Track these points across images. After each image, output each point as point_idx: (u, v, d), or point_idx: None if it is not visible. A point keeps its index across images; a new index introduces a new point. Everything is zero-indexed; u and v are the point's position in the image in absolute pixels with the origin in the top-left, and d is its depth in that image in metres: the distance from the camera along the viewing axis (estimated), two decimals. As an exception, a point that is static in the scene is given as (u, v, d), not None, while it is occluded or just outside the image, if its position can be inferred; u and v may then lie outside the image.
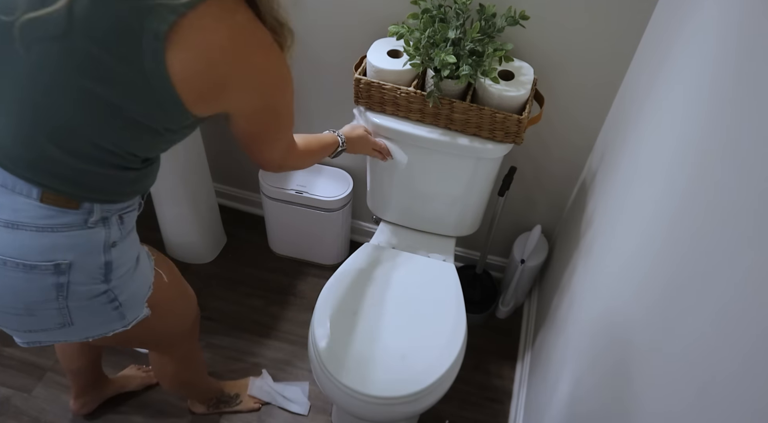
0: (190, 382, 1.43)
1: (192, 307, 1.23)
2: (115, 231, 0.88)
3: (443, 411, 1.64)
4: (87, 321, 0.92)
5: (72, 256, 0.84)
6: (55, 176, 0.81)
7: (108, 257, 0.88)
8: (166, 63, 0.71)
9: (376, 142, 1.37)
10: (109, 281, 0.89)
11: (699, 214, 0.71)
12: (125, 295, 0.93)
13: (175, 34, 0.70)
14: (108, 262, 0.88)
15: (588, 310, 1.14)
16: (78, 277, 0.85)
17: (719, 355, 0.58)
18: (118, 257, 0.90)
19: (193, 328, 1.26)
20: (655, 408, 0.71)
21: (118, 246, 0.90)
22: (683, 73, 0.93)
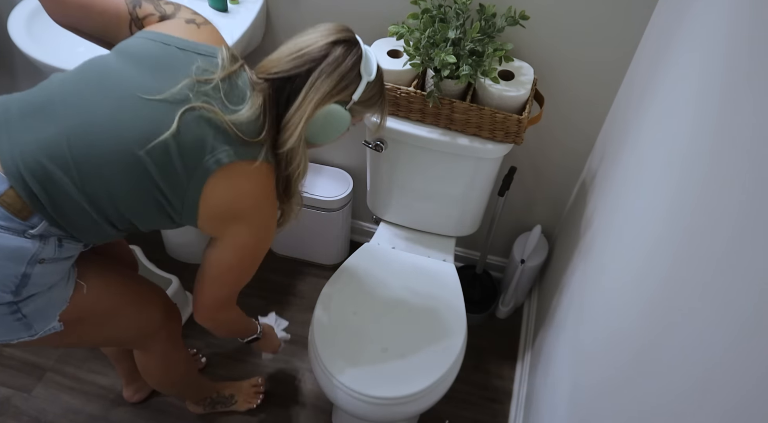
0: (177, 382, 1.42)
1: (150, 315, 1.20)
2: (48, 249, 0.92)
3: (443, 411, 1.64)
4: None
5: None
6: (45, 190, 0.88)
7: (29, 270, 0.90)
8: (208, 180, 0.92)
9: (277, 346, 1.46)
10: (18, 294, 0.91)
11: (699, 214, 0.71)
12: (30, 309, 0.95)
13: (227, 168, 0.92)
14: (26, 275, 0.90)
15: (588, 310, 1.14)
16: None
17: (720, 355, 0.58)
18: (39, 275, 0.92)
19: (163, 330, 1.24)
20: (655, 408, 0.71)
21: (46, 264, 0.92)
22: (684, 72, 0.93)
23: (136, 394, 1.59)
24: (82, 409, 1.59)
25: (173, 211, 0.96)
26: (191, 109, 0.90)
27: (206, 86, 0.92)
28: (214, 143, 0.91)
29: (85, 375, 1.66)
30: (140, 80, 0.90)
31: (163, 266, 1.80)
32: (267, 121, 0.95)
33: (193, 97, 0.91)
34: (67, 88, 0.91)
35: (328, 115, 0.98)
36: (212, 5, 1.41)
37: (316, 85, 0.95)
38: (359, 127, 1.62)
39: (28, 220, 0.88)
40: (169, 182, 0.92)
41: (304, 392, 1.67)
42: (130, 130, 0.89)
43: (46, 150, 0.88)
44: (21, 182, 0.87)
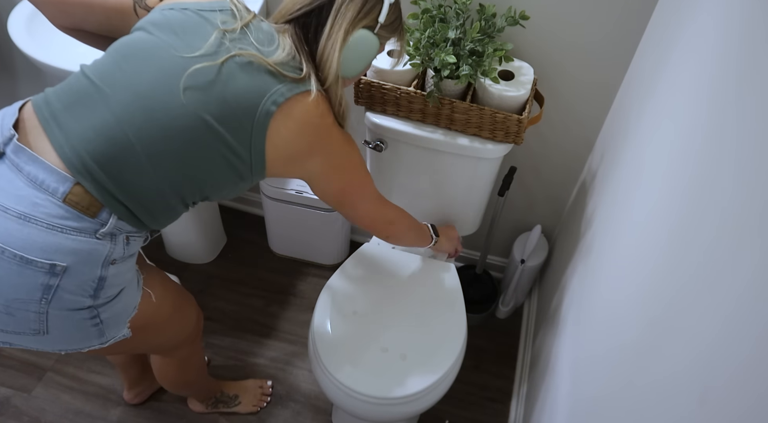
0: (191, 382, 1.43)
1: (189, 317, 1.23)
2: (119, 249, 0.91)
3: (443, 411, 1.64)
4: (63, 333, 0.92)
5: (71, 260, 0.85)
6: (111, 176, 0.87)
7: (104, 272, 0.90)
8: (270, 123, 0.92)
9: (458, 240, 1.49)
10: (97, 298, 0.91)
11: (699, 214, 0.71)
12: (108, 314, 0.94)
13: (285, 106, 0.93)
14: (102, 278, 0.90)
15: (587, 309, 1.14)
16: (68, 284, 0.87)
17: (720, 356, 0.58)
18: (113, 276, 0.92)
19: (193, 333, 1.26)
20: (655, 407, 0.71)
21: (117, 265, 0.92)
22: (685, 72, 0.93)
23: (136, 397, 1.59)
24: (82, 409, 1.59)
25: (242, 165, 0.95)
26: (232, 57, 0.90)
27: (235, 35, 0.93)
28: (265, 86, 0.91)
29: (85, 375, 1.66)
30: (175, 44, 0.91)
31: (163, 266, 1.80)
32: (303, 58, 0.95)
33: (229, 45, 0.91)
34: (105, 70, 0.91)
35: (359, 41, 0.98)
36: (212, 5, 1.41)
37: (342, 11, 0.95)
38: (359, 127, 1.62)
39: (97, 216, 0.87)
40: (234, 133, 0.92)
41: (304, 392, 1.67)
42: (193, 93, 0.89)
43: (104, 134, 0.87)
44: (86, 174, 0.86)
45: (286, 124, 0.94)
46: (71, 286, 0.87)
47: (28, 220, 0.83)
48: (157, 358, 1.32)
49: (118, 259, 0.92)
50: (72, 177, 0.85)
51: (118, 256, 0.91)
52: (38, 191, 0.84)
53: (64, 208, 0.85)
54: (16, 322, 0.88)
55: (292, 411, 1.63)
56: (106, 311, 0.93)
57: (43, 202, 0.84)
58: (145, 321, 1.03)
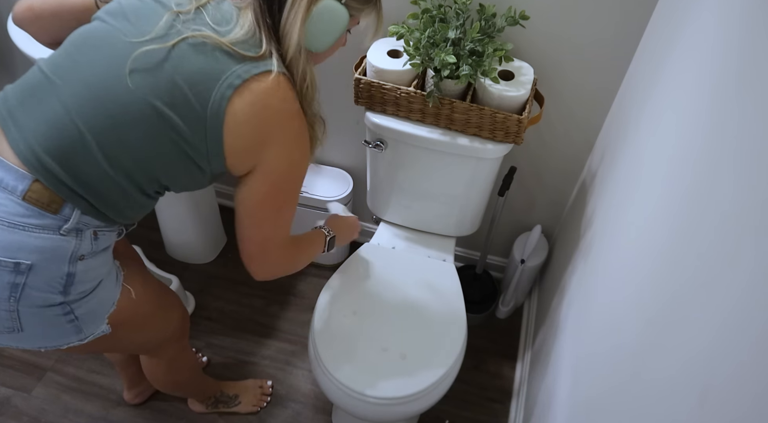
0: (181, 382, 1.43)
1: (172, 316, 1.21)
2: (86, 245, 0.90)
3: (443, 411, 1.64)
4: (38, 330, 0.91)
5: (35, 258, 0.85)
6: (67, 169, 0.86)
7: (72, 269, 0.89)
8: (227, 108, 0.87)
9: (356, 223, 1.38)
10: (67, 294, 0.90)
11: (699, 214, 0.71)
12: (83, 310, 0.93)
13: (243, 89, 0.87)
14: (70, 274, 0.89)
15: (587, 309, 1.14)
16: (35, 281, 0.86)
17: (719, 356, 0.58)
18: (83, 272, 0.91)
19: (177, 333, 1.24)
20: (655, 407, 0.71)
21: (87, 261, 0.91)
22: (685, 71, 0.93)
23: (136, 398, 1.59)
24: (82, 409, 1.59)
25: (198, 156, 0.91)
26: (183, 40, 0.86)
27: (189, 15, 0.88)
28: (220, 67, 0.86)
29: (85, 375, 1.66)
30: (126, 29, 0.88)
31: (163, 266, 1.81)
32: (264, 34, 0.89)
33: (181, 27, 0.87)
34: (57, 61, 0.90)
35: (325, 11, 0.91)
36: (212, 5, 1.41)
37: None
38: (359, 127, 1.62)
39: (59, 212, 0.86)
40: (187, 121, 0.87)
41: (304, 392, 1.67)
42: (141, 79, 0.86)
43: (55, 126, 0.85)
44: (42, 170, 0.85)
45: (243, 109, 0.88)
46: (39, 284, 0.87)
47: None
48: (145, 359, 1.32)
49: (87, 255, 0.90)
50: (30, 174, 0.85)
51: (86, 252, 0.90)
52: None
53: (25, 206, 0.84)
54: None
55: (292, 411, 1.63)
56: (80, 307, 0.93)
57: (3, 201, 0.84)
58: (125, 318, 1.02)
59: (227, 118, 0.87)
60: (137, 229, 1.14)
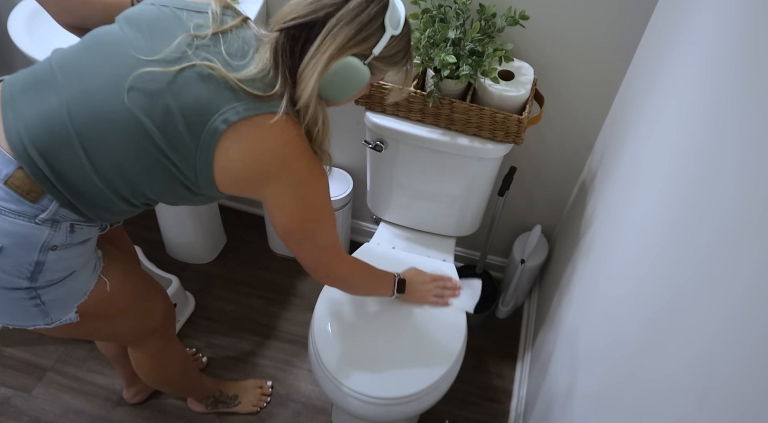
0: (173, 379, 1.42)
1: (152, 311, 1.20)
2: (60, 236, 0.90)
3: (443, 411, 1.64)
4: (4, 308, 0.94)
5: (6, 241, 0.86)
6: (50, 164, 0.86)
7: (42, 257, 0.90)
8: (218, 143, 0.86)
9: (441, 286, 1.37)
10: (34, 280, 0.91)
11: (699, 213, 0.71)
12: (50, 296, 0.94)
13: (239, 127, 0.86)
14: (39, 262, 0.90)
15: (588, 310, 1.14)
16: (3, 264, 0.88)
17: (720, 357, 0.58)
18: (54, 261, 0.91)
19: (160, 328, 1.24)
20: (654, 407, 0.71)
21: (59, 251, 0.91)
22: (685, 71, 0.93)
23: (136, 396, 1.59)
24: (82, 409, 1.59)
25: (187, 181, 0.91)
26: (190, 67, 0.85)
27: (203, 41, 0.87)
28: (219, 102, 0.85)
29: (85, 375, 1.66)
30: (137, 43, 0.87)
31: (163, 266, 1.80)
32: (280, 74, 0.88)
33: (191, 54, 0.86)
34: (67, 58, 0.90)
35: (345, 68, 0.90)
36: (212, 5, 1.41)
37: (333, 32, 0.87)
38: (359, 127, 1.62)
39: (37, 202, 0.87)
40: (176, 148, 0.87)
41: (304, 392, 1.67)
42: (137, 95, 0.86)
43: (47, 121, 0.86)
44: (27, 159, 0.85)
45: (237, 147, 0.87)
46: (6, 267, 0.88)
47: None
48: (131, 352, 1.32)
49: (60, 246, 0.91)
50: (15, 160, 0.85)
51: (59, 243, 0.90)
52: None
53: (5, 190, 0.85)
54: None
55: (292, 411, 1.63)
56: (47, 293, 0.93)
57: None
58: (97, 309, 1.02)
59: (218, 152, 0.87)
60: (137, 229, 1.15)
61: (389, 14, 0.90)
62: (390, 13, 0.90)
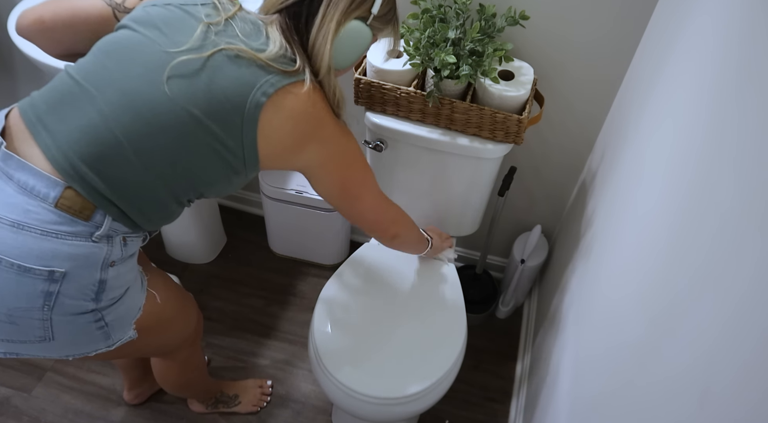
0: (191, 383, 1.43)
1: (191, 318, 1.22)
2: (116, 251, 0.90)
3: (443, 411, 1.64)
4: (69, 338, 0.91)
5: (68, 265, 0.85)
6: (102, 177, 0.86)
7: (104, 275, 0.89)
8: (260, 115, 0.89)
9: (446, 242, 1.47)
10: (99, 301, 0.90)
11: (700, 213, 0.71)
12: (112, 317, 0.94)
13: (276, 97, 0.90)
14: (102, 281, 0.89)
15: (587, 309, 1.14)
16: (69, 289, 0.86)
17: (720, 358, 0.58)
18: (114, 278, 0.91)
19: (193, 334, 1.26)
20: (655, 408, 0.71)
21: (117, 267, 0.91)
22: (685, 71, 0.93)
23: (136, 398, 1.59)
24: (82, 409, 1.59)
25: (235, 159, 0.93)
26: (219, 51, 0.88)
27: (219, 27, 0.90)
28: (255, 78, 0.89)
29: (85, 375, 1.66)
30: (159, 39, 0.89)
31: (163, 266, 1.80)
32: (297, 50, 0.93)
33: (215, 38, 0.89)
34: (89, 69, 0.89)
35: (350, 32, 0.95)
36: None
37: (334, 1, 0.92)
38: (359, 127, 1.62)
39: (91, 219, 0.86)
40: (223, 126, 0.89)
41: (304, 392, 1.67)
42: (178, 89, 0.87)
43: (91, 134, 0.85)
44: (76, 176, 0.84)
45: (278, 115, 0.91)
46: (72, 291, 0.86)
47: (21, 227, 0.82)
48: (157, 361, 1.32)
49: (117, 261, 0.91)
50: (62, 181, 0.84)
51: (116, 258, 0.91)
52: (29, 198, 0.83)
53: (57, 214, 0.84)
54: (20, 330, 0.87)
55: (292, 411, 1.63)
56: (110, 314, 0.93)
57: (35, 209, 0.83)
58: (151, 322, 1.03)
59: (261, 124, 0.90)
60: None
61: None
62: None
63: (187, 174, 0.92)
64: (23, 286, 0.83)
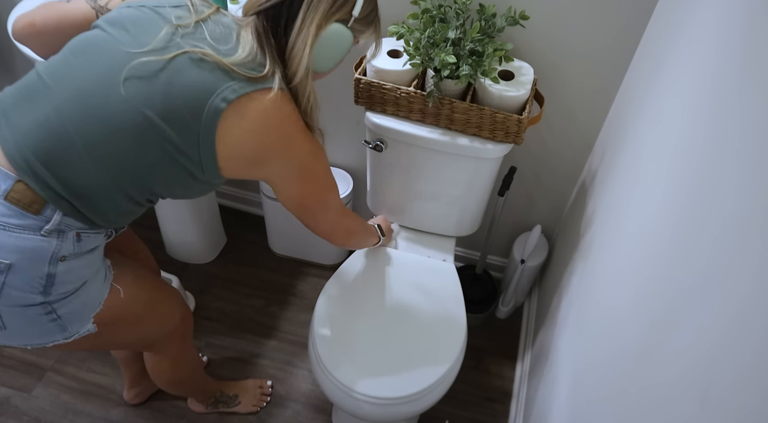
0: (184, 380, 1.43)
1: (169, 314, 1.20)
2: (67, 246, 0.90)
3: (443, 411, 1.64)
4: (21, 328, 0.92)
5: (14, 257, 0.86)
6: (53, 172, 0.86)
7: (52, 269, 0.89)
8: (219, 122, 0.87)
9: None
10: (48, 294, 0.90)
11: (701, 214, 0.71)
12: (65, 310, 0.93)
13: (238, 104, 0.87)
14: (50, 275, 0.89)
15: (587, 310, 1.14)
16: (15, 281, 0.87)
17: (722, 359, 0.58)
18: (65, 272, 0.91)
19: (179, 330, 1.24)
20: (655, 408, 0.71)
21: (68, 262, 0.91)
22: (685, 70, 0.93)
23: (136, 397, 1.59)
24: (82, 409, 1.59)
25: (191, 164, 0.91)
26: (182, 54, 0.87)
27: (188, 29, 0.89)
28: (216, 83, 0.87)
29: (85, 375, 1.66)
30: (124, 39, 0.88)
31: (163, 266, 1.81)
32: (268, 54, 0.91)
33: (180, 41, 0.88)
34: (54, 66, 0.90)
35: (331, 36, 0.93)
36: (212, 5, 1.41)
37: (314, 3, 0.90)
38: (359, 127, 1.62)
39: (41, 213, 0.87)
40: (178, 131, 0.88)
41: (304, 392, 1.67)
42: (133, 89, 0.87)
43: (45, 129, 0.86)
44: (28, 170, 0.85)
45: (241, 124, 0.88)
46: (18, 283, 0.87)
47: None
48: (149, 356, 1.32)
49: (69, 256, 0.91)
50: (14, 174, 0.85)
51: (67, 253, 0.90)
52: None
53: (6, 206, 0.85)
54: None
55: (292, 411, 1.63)
56: (62, 307, 0.93)
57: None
58: (114, 317, 1.02)
59: (221, 132, 0.88)
60: (137, 228, 1.14)
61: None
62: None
63: (140, 175, 0.91)
64: None
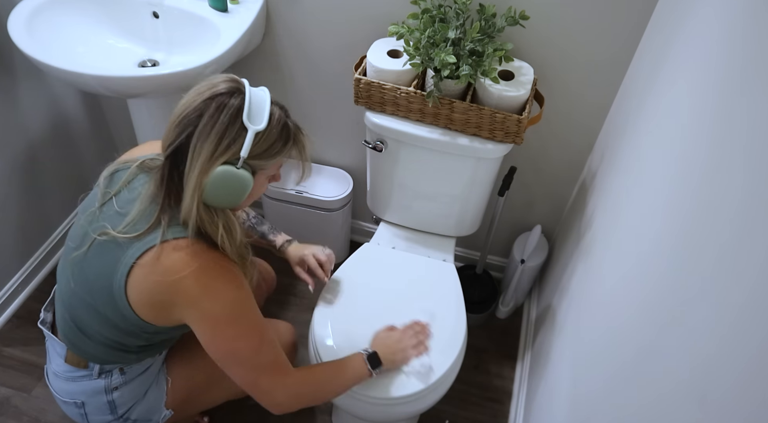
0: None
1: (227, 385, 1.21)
2: (115, 379, 1.11)
3: (443, 411, 1.64)
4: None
5: (84, 397, 1.13)
6: (74, 345, 1.09)
7: (110, 398, 1.12)
8: (128, 294, 0.94)
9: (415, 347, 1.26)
10: (116, 413, 1.14)
11: (698, 213, 0.71)
12: (136, 415, 1.16)
13: (132, 274, 0.93)
14: (111, 401, 1.13)
15: (587, 310, 1.14)
16: (91, 411, 1.14)
17: (723, 359, 0.58)
18: (120, 396, 1.13)
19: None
20: (655, 408, 0.71)
21: (120, 390, 1.12)
22: (685, 70, 0.93)
23: None
24: (82, 409, 1.59)
25: (133, 327, 1.01)
26: (93, 242, 0.97)
27: (103, 208, 0.99)
28: (114, 263, 0.94)
29: (85, 375, 1.66)
30: (68, 248, 1.03)
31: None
32: (162, 201, 0.93)
33: (89, 229, 0.98)
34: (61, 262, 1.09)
35: (219, 178, 0.89)
36: (212, 5, 1.42)
37: (197, 150, 0.88)
38: (359, 127, 1.62)
39: (88, 367, 1.10)
40: (110, 310, 0.98)
41: (304, 392, 1.67)
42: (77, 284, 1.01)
43: (60, 315, 1.09)
44: (67, 342, 1.09)
45: (140, 291, 0.94)
46: (93, 411, 1.14)
47: (57, 375, 1.13)
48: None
49: (119, 385, 1.12)
50: (65, 345, 1.10)
51: (117, 384, 1.11)
52: (57, 356, 1.13)
53: (67, 365, 1.11)
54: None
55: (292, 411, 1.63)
56: (133, 413, 1.15)
57: (59, 362, 1.13)
58: (183, 397, 1.20)
59: (132, 302, 0.96)
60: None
61: (246, 114, 0.89)
62: (248, 112, 0.89)
63: (113, 337, 1.03)
64: (70, 409, 1.16)
